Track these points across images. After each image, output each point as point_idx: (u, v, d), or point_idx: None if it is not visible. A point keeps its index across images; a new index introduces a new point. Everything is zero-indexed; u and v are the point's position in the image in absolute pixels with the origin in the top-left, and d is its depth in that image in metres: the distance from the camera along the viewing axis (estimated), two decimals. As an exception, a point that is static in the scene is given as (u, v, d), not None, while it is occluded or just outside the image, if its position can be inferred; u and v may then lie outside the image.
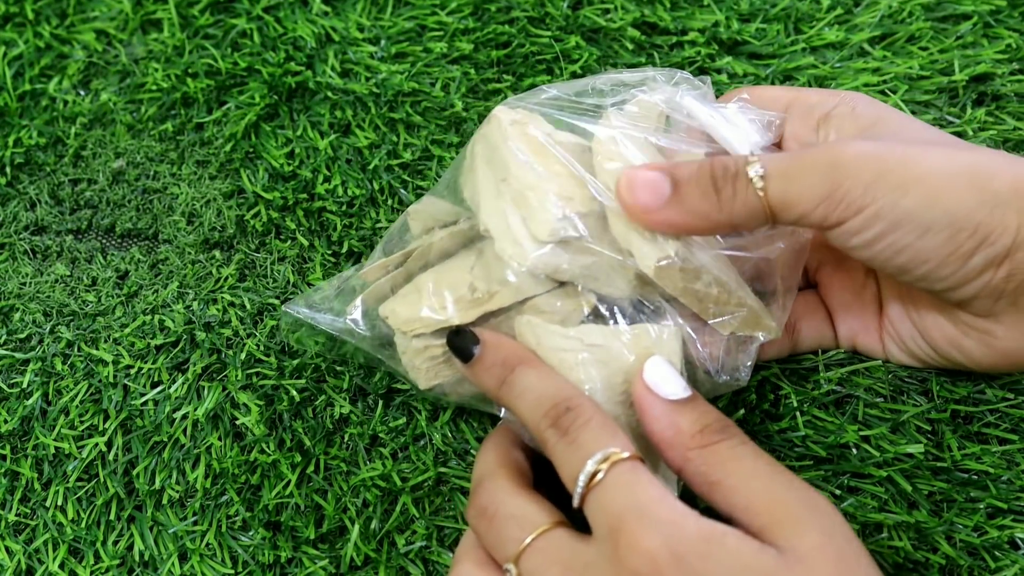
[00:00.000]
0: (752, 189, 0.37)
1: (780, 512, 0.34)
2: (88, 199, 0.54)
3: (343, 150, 0.53)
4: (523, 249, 0.38)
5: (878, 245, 0.37)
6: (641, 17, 0.55)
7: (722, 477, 0.35)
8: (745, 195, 0.38)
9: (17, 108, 0.56)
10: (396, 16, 0.57)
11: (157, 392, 0.48)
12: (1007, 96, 0.52)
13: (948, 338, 0.42)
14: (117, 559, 0.45)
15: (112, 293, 0.51)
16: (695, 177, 0.38)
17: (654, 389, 0.37)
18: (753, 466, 0.35)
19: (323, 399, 0.47)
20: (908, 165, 0.37)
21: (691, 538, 0.33)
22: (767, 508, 0.34)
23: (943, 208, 0.36)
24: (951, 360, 0.43)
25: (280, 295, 0.50)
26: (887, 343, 0.45)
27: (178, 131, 0.55)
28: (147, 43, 0.57)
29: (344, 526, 0.44)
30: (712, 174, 0.38)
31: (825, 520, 0.34)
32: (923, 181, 0.36)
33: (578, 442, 0.36)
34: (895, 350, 0.45)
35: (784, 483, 0.34)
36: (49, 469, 0.47)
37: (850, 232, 0.37)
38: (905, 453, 0.44)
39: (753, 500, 0.34)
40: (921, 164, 0.37)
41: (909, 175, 0.37)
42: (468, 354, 0.39)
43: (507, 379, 0.38)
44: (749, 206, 0.38)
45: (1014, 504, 0.43)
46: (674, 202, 0.38)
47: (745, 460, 0.35)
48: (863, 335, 0.45)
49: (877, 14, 0.55)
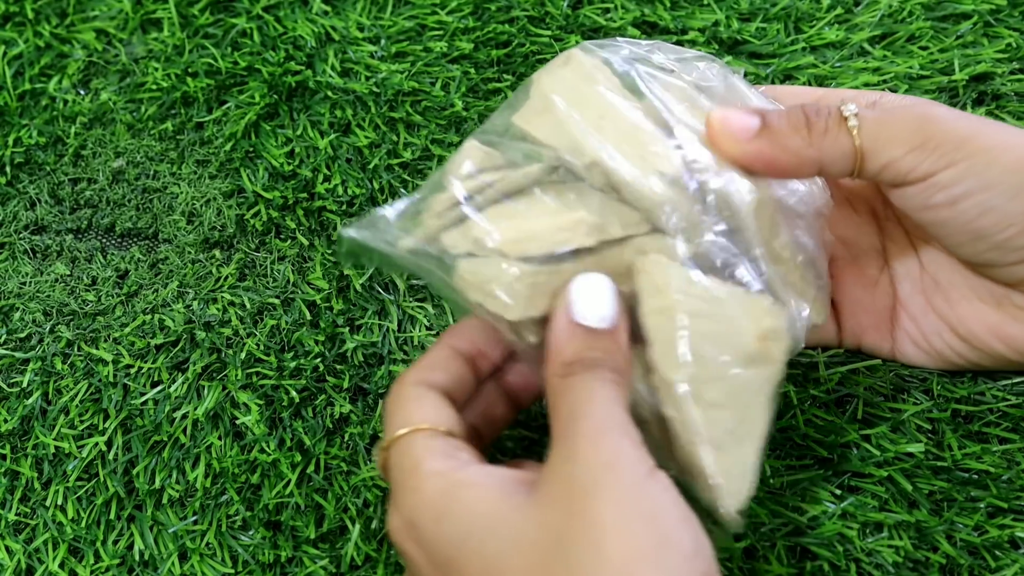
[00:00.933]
0: (845, 127, 0.37)
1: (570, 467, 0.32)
2: (88, 198, 0.54)
3: (343, 149, 0.53)
4: (656, 181, 0.37)
5: (964, 203, 0.37)
6: (641, 16, 0.55)
7: (560, 408, 0.34)
8: (837, 133, 0.37)
9: (17, 107, 0.56)
10: (396, 15, 0.57)
11: (157, 391, 0.48)
12: (1007, 95, 0.52)
13: (990, 326, 0.41)
14: (117, 558, 0.45)
15: (112, 292, 0.51)
16: (786, 115, 0.38)
17: (573, 305, 0.35)
18: (596, 411, 0.33)
19: (323, 398, 0.47)
20: (999, 131, 0.37)
21: (427, 502, 0.33)
22: (561, 456, 0.32)
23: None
24: (987, 351, 0.42)
25: (280, 295, 0.50)
26: (900, 341, 0.44)
27: (178, 130, 0.55)
28: (147, 42, 0.57)
29: (344, 526, 0.44)
30: (804, 112, 0.38)
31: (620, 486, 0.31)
32: (1014, 148, 0.37)
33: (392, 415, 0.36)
34: (910, 348, 0.44)
35: (607, 446, 0.32)
36: (49, 468, 0.47)
37: (937, 186, 0.37)
38: (905, 452, 0.44)
39: (558, 442, 0.33)
40: (1010, 132, 0.37)
41: (1000, 139, 0.37)
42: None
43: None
44: (840, 145, 0.37)
45: (1014, 503, 0.43)
46: (764, 134, 0.37)
47: (587, 397, 0.33)
48: (871, 332, 0.45)
49: (877, 13, 0.55)
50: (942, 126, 0.37)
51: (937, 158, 0.37)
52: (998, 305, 0.41)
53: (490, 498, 0.32)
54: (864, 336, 0.45)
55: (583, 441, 0.32)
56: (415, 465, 0.34)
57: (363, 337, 0.48)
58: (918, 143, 0.37)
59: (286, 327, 0.49)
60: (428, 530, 0.33)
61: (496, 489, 0.33)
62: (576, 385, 0.34)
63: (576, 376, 0.34)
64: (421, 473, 0.34)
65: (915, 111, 0.38)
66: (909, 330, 0.44)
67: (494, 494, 0.33)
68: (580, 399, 0.33)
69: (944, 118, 0.37)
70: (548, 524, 0.31)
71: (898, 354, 0.45)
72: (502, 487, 0.33)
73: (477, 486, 0.33)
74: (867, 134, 0.37)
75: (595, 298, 0.35)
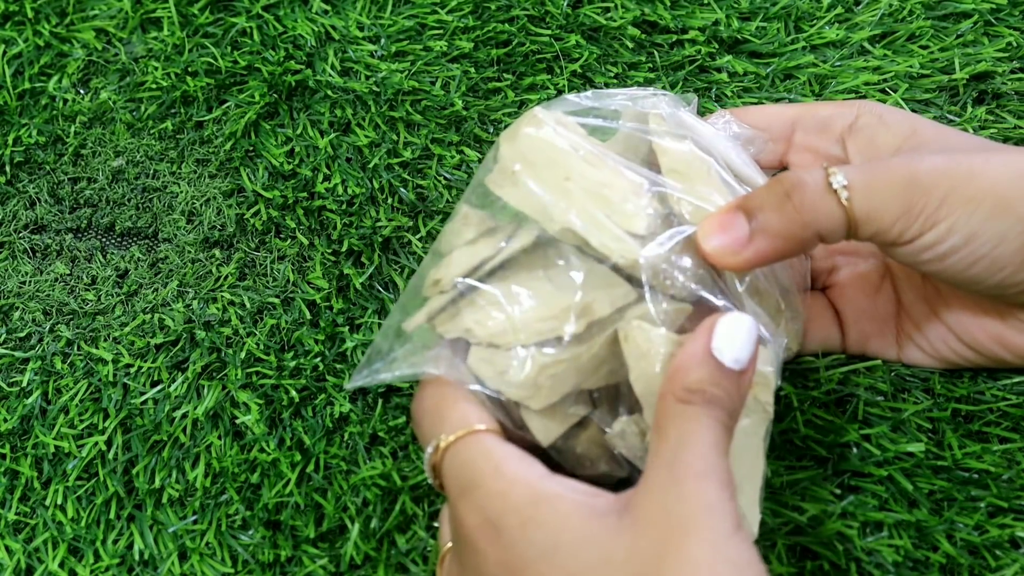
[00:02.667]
0: (836, 199, 0.37)
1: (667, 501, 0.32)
2: (88, 198, 0.54)
3: (343, 149, 0.53)
4: (627, 244, 0.36)
5: (952, 258, 0.38)
6: (641, 16, 0.55)
7: (668, 432, 0.34)
8: (829, 206, 0.37)
9: (17, 107, 0.56)
10: (396, 14, 0.57)
11: (157, 391, 0.48)
12: (1007, 94, 0.52)
13: (994, 336, 0.42)
14: (117, 558, 0.45)
15: (112, 292, 0.51)
16: (767, 200, 0.37)
17: (716, 338, 0.35)
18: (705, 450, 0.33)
19: (323, 398, 0.47)
20: (975, 177, 0.37)
21: (515, 506, 0.33)
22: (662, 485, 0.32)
23: (1016, 216, 0.37)
24: (992, 357, 0.43)
25: (280, 294, 0.50)
26: (904, 346, 0.44)
27: (178, 130, 0.55)
28: (147, 41, 0.57)
29: (344, 525, 0.44)
30: (784, 187, 0.37)
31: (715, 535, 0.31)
32: (992, 192, 0.37)
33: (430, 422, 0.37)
34: (916, 354, 0.44)
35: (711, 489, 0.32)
36: (49, 468, 0.47)
37: (923, 247, 0.37)
38: (906, 452, 0.43)
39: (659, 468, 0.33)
40: (987, 174, 0.37)
41: (978, 187, 0.37)
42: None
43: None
44: (833, 218, 0.37)
45: (1014, 503, 0.43)
46: (758, 236, 0.37)
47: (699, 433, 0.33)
48: (876, 339, 0.45)
49: (877, 12, 0.55)
50: (925, 187, 0.37)
51: (922, 221, 0.37)
52: (1001, 316, 0.41)
53: (580, 513, 0.32)
54: (868, 342, 0.45)
55: (690, 477, 0.32)
56: (497, 467, 0.34)
57: (363, 336, 0.48)
58: (904, 210, 0.37)
59: (286, 326, 0.49)
60: (512, 535, 0.32)
61: (585, 506, 0.33)
62: (691, 415, 0.34)
63: (694, 407, 0.34)
64: (506, 476, 0.34)
65: (903, 172, 0.37)
66: (913, 336, 0.44)
67: (584, 510, 0.32)
68: (691, 430, 0.33)
69: (926, 179, 0.37)
70: (641, 551, 0.31)
71: (903, 358, 0.45)
72: (591, 504, 0.33)
73: (566, 499, 0.33)
74: (859, 205, 0.37)
75: (738, 338, 0.35)
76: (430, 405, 0.37)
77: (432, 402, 0.37)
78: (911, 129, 0.41)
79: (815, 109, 0.43)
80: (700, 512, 0.31)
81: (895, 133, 0.41)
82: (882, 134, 0.41)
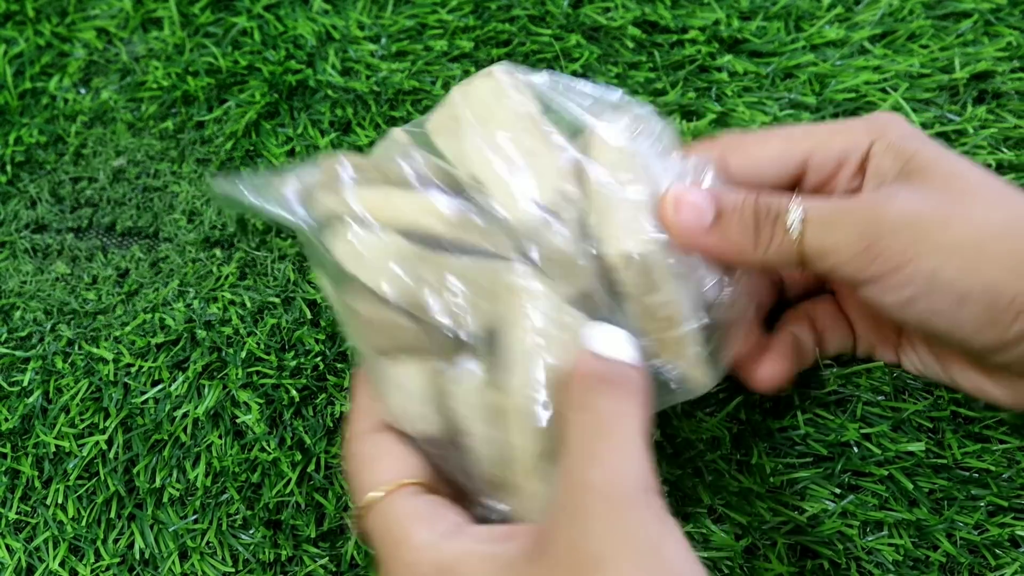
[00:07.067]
0: (788, 236, 0.37)
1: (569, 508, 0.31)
2: (89, 197, 0.54)
3: (343, 148, 0.53)
4: (517, 203, 0.37)
5: (912, 307, 0.37)
6: (642, 15, 0.55)
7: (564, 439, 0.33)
8: (781, 240, 0.37)
9: (18, 106, 0.56)
10: (397, 14, 0.57)
11: (157, 390, 0.48)
12: (1008, 94, 0.52)
13: (973, 383, 0.41)
14: (118, 557, 0.45)
15: (112, 291, 0.51)
16: (739, 210, 0.38)
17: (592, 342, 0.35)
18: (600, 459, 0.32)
19: (323, 397, 0.47)
20: (951, 226, 0.36)
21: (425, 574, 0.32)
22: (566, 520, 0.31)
23: (981, 280, 0.35)
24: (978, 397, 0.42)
25: (280, 293, 0.50)
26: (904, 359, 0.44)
27: (179, 129, 0.55)
28: (148, 41, 0.57)
29: (345, 525, 0.44)
30: (756, 211, 0.38)
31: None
32: (961, 249, 0.36)
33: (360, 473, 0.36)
34: (913, 368, 0.44)
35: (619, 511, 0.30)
36: (49, 467, 0.47)
37: (884, 289, 0.37)
38: (906, 451, 0.44)
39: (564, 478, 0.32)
40: (965, 225, 0.36)
41: (947, 240, 0.36)
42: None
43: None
44: (783, 252, 0.37)
45: (1014, 502, 0.43)
46: (715, 231, 0.37)
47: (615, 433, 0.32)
48: (881, 348, 0.45)
49: (878, 12, 0.55)
50: (890, 228, 0.36)
51: (882, 263, 0.36)
52: (980, 369, 0.41)
53: (490, 570, 0.31)
54: (875, 350, 0.45)
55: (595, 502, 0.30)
56: (403, 537, 0.33)
57: (363, 336, 0.48)
58: (862, 248, 0.36)
59: (287, 326, 0.49)
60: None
61: (494, 560, 0.32)
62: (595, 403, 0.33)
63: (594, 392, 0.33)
64: (411, 546, 0.33)
65: (867, 209, 0.37)
66: (910, 355, 0.44)
67: (494, 567, 0.31)
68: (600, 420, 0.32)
69: (893, 220, 0.36)
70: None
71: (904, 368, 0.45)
72: (499, 556, 0.32)
73: (473, 558, 0.32)
74: (810, 241, 0.37)
75: (614, 343, 0.35)
76: (350, 463, 0.37)
77: (351, 460, 0.37)
78: (912, 152, 0.39)
79: (829, 141, 0.41)
80: (610, 544, 0.30)
81: (896, 156, 0.39)
82: (888, 160, 0.39)
